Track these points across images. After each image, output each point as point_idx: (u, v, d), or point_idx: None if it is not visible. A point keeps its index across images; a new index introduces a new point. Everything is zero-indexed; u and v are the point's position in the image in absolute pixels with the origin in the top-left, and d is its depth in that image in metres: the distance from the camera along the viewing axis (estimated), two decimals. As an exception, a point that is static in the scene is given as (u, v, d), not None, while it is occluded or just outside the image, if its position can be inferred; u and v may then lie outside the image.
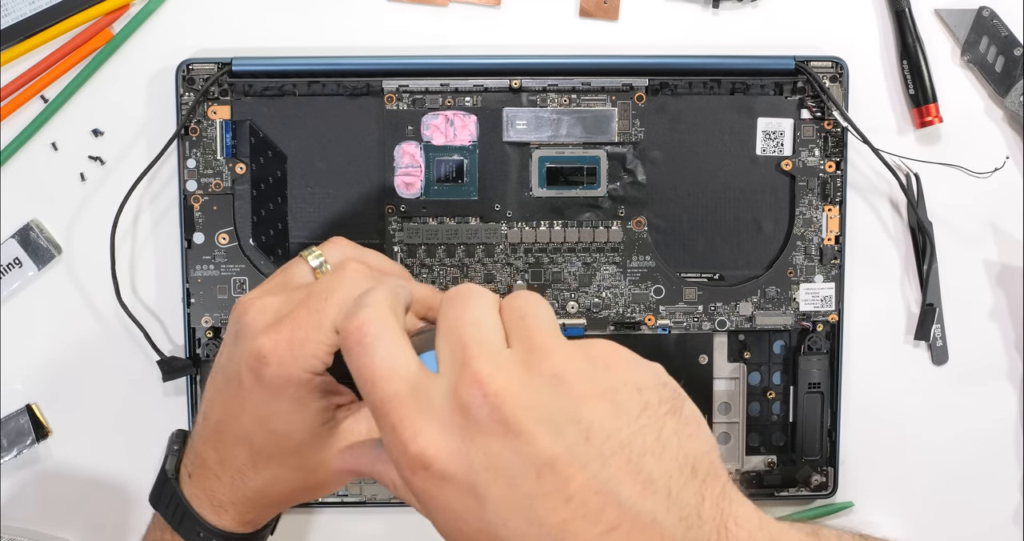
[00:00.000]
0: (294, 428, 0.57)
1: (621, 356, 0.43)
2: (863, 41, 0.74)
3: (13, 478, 0.75)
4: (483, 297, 0.45)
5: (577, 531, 0.39)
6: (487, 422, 0.40)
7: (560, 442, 0.39)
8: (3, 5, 0.71)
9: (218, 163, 0.71)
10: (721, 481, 0.42)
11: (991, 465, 0.77)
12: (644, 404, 0.41)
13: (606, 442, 0.40)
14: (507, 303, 0.45)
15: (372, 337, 0.44)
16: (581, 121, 0.71)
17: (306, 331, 0.56)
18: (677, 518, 0.40)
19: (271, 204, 0.72)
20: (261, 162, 0.71)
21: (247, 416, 0.57)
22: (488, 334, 0.43)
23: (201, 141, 0.71)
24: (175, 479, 0.60)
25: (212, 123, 0.71)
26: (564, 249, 0.72)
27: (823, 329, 0.74)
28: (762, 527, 0.43)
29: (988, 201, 0.75)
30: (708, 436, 0.43)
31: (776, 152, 0.72)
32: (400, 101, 0.71)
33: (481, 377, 0.40)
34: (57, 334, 0.75)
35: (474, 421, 0.40)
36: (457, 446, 0.40)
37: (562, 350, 0.42)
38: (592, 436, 0.40)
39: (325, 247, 0.62)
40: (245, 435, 0.57)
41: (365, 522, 0.76)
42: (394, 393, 0.42)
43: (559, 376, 0.41)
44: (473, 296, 0.45)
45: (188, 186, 0.71)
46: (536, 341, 0.42)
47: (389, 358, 0.43)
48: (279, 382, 0.55)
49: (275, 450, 0.57)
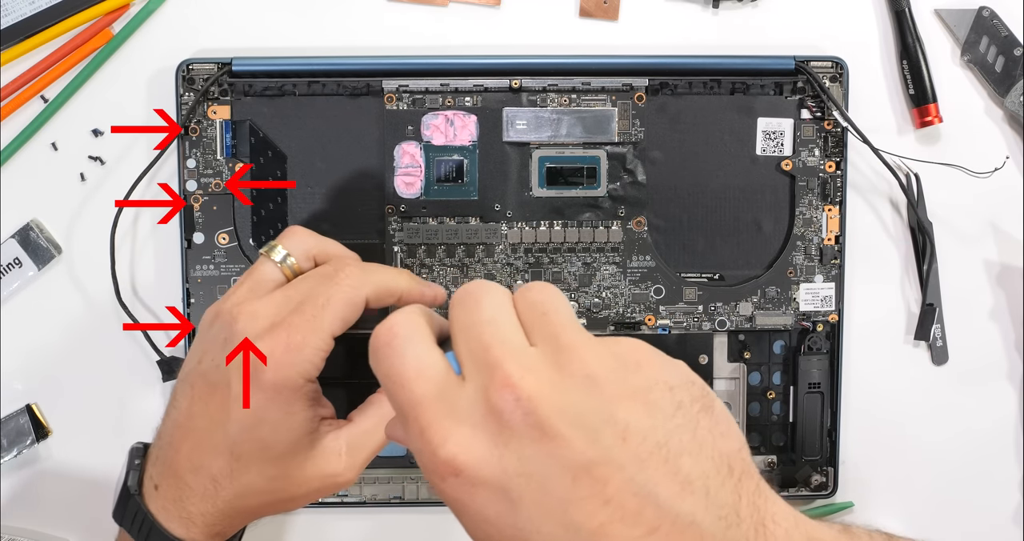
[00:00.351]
0: (280, 436, 0.57)
1: (651, 354, 0.42)
2: (863, 41, 0.74)
3: (13, 478, 0.75)
4: (496, 293, 0.44)
5: (615, 534, 0.38)
6: (521, 426, 0.39)
7: (596, 445, 0.38)
8: (3, 5, 0.71)
9: (218, 163, 0.71)
10: (755, 479, 0.41)
11: (991, 465, 0.77)
12: (677, 403, 0.40)
13: (642, 443, 0.39)
14: (522, 297, 0.44)
15: (402, 338, 0.43)
16: (581, 121, 0.71)
17: (303, 336, 0.56)
18: (716, 517, 0.39)
19: (271, 204, 0.72)
20: (261, 162, 0.71)
21: (234, 423, 0.57)
22: (509, 333, 0.42)
23: (201, 141, 0.71)
24: (139, 494, 0.60)
25: (212, 123, 0.71)
26: (564, 249, 0.72)
27: (823, 329, 0.74)
28: (798, 525, 0.42)
29: (988, 201, 0.75)
30: (739, 434, 0.42)
31: (776, 152, 0.72)
32: (400, 101, 0.71)
33: (512, 380, 0.39)
34: (57, 334, 0.74)
35: (507, 426, 0.39)
36: (489, 451, 0.39)
37: (592, 349, 0.41)
38: (628, 438, 0.39)
39: (284, 240, 0.62)
40: (228, 443, 0.57)
41: (366, 521, 0.76)
42: (422, 395, 0.41)
43: (592, 377, 0.40)
44: (486, 292, 0.44)
45: (188, 186, 0.71)
46: (563, 339, 0.41)
47: (417, 359, 0.42)
48: (274, 387, 0.56)
49: (256, 459, 0.57)
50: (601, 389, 0.40)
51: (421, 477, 0.74)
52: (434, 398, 0.41)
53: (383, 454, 0.72)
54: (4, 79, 0.72)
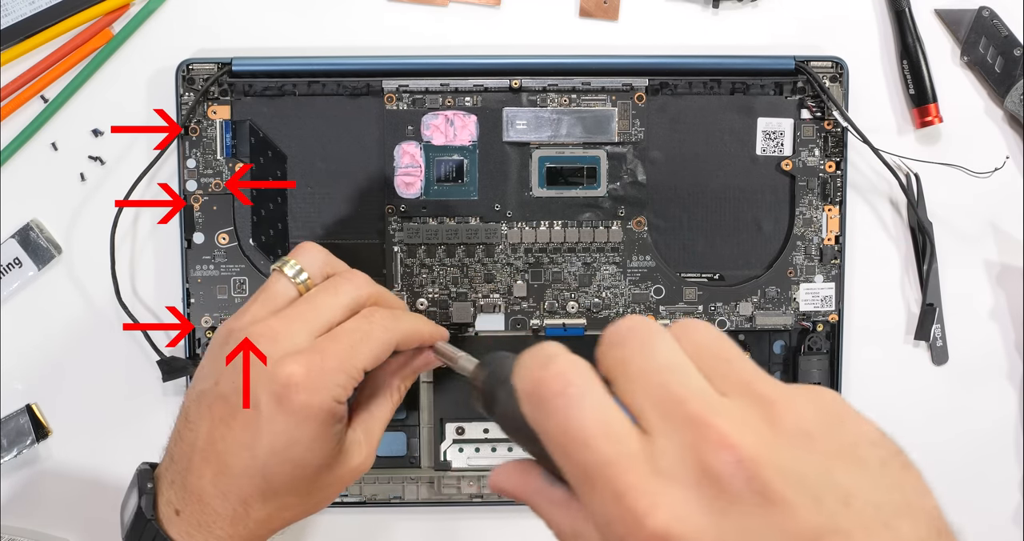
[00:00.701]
0: (314, 456, 0.56)
1: (847, 405, 0.38)
2: (863, 41, 0.74)
3: (13, 478, 0.75)
4: (662, 333, 0.38)
5: None
6: (743, 492, 0.34)
7: (822, 511, 0.34)
8: (3, 5, 0.71)
9: (218, 163, 0.71)
10: (955, 538, 0.37)
11: (991, 465, 0.77)
12: (882, 460, 0.36)
13: (864, 507, 0.34)
14: (687, 338, 0.39)
15: (579, 389, 0.37)
16: (581, 121, 0.71)
17: (339, 362, 0.55)
18: None
19: (271, 204, 0.72)
20: (261, 162, 0.71)
21: (262, 446, 0.55)
22: (698, 382, 0.37)
23: (201, 141, 0.71)
24: (154, 519, 0.57)
25: (212, 123, 0.71)
26: (564, 249, 0.72)
27: (823, 329, 0.74)
28: None
29: (988, 201, 0.75)
30: (930, 489, 0.37)
31: (776, 152, 0.72)
32: (400, 101, 0.70)
33: (732, 440, 0.34)
34: (57, 334, 0.74)
35: (726, 491, 0.34)
36: (706, 521, 0.34)
37: (799, 401, 0.36)
38: (851, 502, 0.34)
39: (298, 255, 0.61)
40: (257, 465, 0.56)
41: (366, 521, 0.76)
42: (617, 454, 0.35)
43: (808, 434, 0.36)
44: (654, 332, 0.38)
45: (188, 186, 0.71)
46: (761, 390, 0.37)
47: (601, 412, 0.37)
48: (307, 410, 0.55)
49: (289, 479, 0.56)
50: (816, 447, 0.35)
51: (421, 477, 0.74)
52: (632, 458, 0.35)
53: (383, 454, 0.72)
54: (4, 79, 0.72)
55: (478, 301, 0.72)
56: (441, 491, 0.74)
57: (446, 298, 0.71)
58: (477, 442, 0.73)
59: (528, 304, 0.72)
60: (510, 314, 0.72)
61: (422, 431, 0.73)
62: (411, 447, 0.73)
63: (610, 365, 0.38)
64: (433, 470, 0.74)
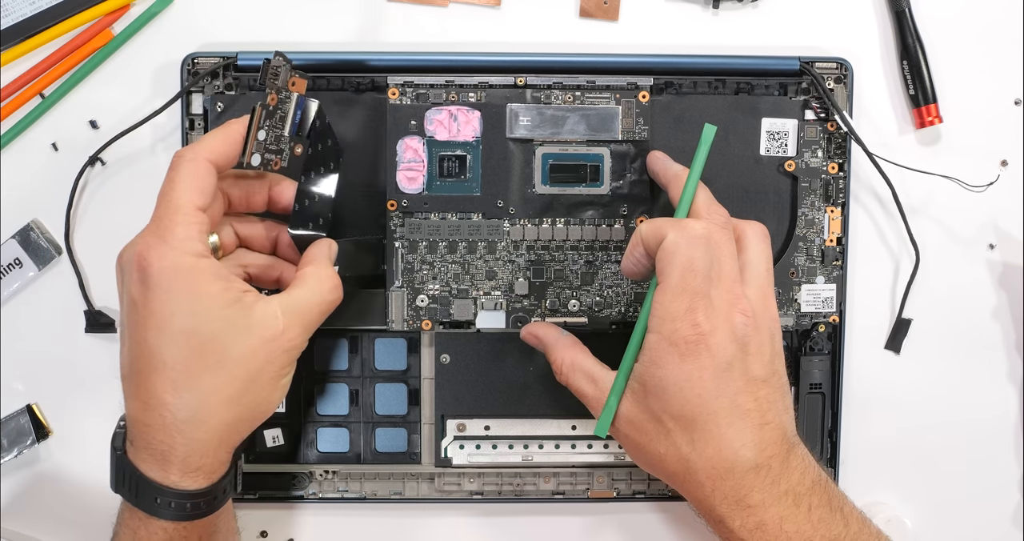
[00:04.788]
0: (199, 319, 0.57)
1: None
2: (863, 41, 0.74)
3: (13, 478, 0.75)
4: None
5: None
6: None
7: None
8: (3, 5, 0.71)
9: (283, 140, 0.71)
10: None
11: (991, 465, 0.77)
12: None
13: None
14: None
15: None
16: (585, 118, 0.71)
17: (167, 217, 0.57)
18: None
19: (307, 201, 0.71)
20: (319, 149, 0.70)
21: (150, 331, 0.56)
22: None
23: (276, 112, 0.70)
24: (123, 451, 0.59)
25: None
26: (566, 247, 0.71)
27: (824, 330, 0.74)
28: None
29: (988, 201, 0.75)
30: None
31: (780, 153, 0.72)
32: (404, 96, 0.70)
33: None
34: (57, 334, 0.74)
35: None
36: None
37: None
38: None
39: None
40: (156, 356, 0.57)
41: (366, 518, 0.76)
42: None
43: None
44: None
45: (253, 160, 0.70)
46: None
47: None
48: (166, 276, 0.56)
49: (186, 352, 0.57)
50: None
51: (422, 474, 0.74)
52: None
53: (383, 450, 0.72)
54: (4, 79, 0.72)
55: (479, 298, 0.71)
56: (442, 488, 0.74)
57: (447, 295, 0.71)
58: (478, 439, 0.73)
59: (529, 302, 0.71)
60: (511, 312, 0.71)
61: (423, 428, 0.73)
62: (412, 443, 0.73)
63: None
64: (434, 467, 0.73)
